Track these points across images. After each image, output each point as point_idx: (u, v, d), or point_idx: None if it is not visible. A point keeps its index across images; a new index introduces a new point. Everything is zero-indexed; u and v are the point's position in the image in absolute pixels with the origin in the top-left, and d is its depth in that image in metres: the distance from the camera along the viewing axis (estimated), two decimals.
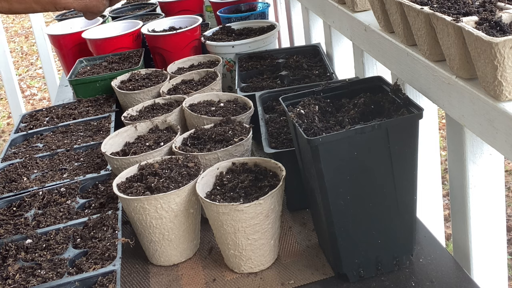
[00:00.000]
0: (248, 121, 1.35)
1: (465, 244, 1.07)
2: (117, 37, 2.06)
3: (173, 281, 1.09)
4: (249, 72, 1.66)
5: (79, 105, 1.78)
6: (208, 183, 1.11)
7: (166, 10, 2.42)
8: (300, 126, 0.97)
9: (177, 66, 1.79)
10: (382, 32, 1.17)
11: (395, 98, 1.03)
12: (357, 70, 1.53)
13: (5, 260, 1.06)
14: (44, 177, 1.36)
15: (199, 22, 1.99)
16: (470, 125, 0.88)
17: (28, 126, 1.68)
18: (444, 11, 0.89)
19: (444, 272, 1.00)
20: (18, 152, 1.52)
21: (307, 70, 1.62)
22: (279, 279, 1.05)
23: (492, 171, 1.02)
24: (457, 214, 1.09)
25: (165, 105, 1.51)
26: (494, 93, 0.79)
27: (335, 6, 1.43)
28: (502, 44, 0.74)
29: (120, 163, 1.23)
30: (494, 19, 0.81)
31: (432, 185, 1.27)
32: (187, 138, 1.27)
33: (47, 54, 3.81)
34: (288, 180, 1.08)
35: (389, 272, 1.02)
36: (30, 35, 7.29)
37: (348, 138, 0.92)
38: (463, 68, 0.87)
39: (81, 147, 1.48)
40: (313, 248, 1.12)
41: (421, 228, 1.12)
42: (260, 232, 1.04)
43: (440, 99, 0.97)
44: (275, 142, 1.23)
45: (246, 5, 2.23)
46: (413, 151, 0.96)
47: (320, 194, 0.95)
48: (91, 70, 1.93)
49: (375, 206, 0.97)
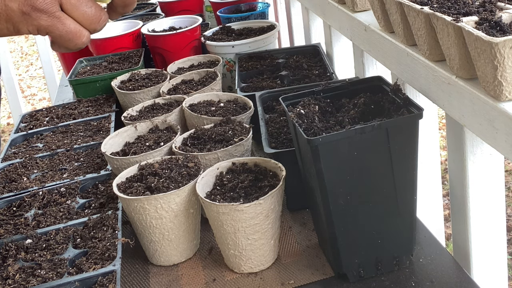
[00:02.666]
0: (248, 121, 1.35)
1: (465, 244, 1.07)
2: (117, 37, 2.06)
3: (173, 281, 1.09)
4: (249, 72, 1.66)
5: (79, 105, 1.78)
6: (208, 183, 1.11)
7: (166, 10, 2.42)
8: (300, 126, 0.97)
9: (177, 66, 1.79)
10: (382, 32, 1.17)
11: (395, 98, 1.03)
12: (357, 70, 1.53)
13: (5, 260, 1.06)
14: (44, 177, 1.36)
15: (199, 22, 1.99)
16: (470, 125, 0.88)
17: (28, 126, 1.68)
18: (444, 11, 0.89)
19: (444, 272, 1.00)
20: (18, 152, 1.52)
21: (307, 70, 1.62)
22: (279, 279, 1.05)
23: (492, 171, 1.02)
24: (457, 214, 1.09)
25: (165, 105, 1.51)
26: (494, 93, 0.79)
27: (335, 6, 1.43)
28: (502, 44, 0.74)
29: (120, 163, 1.23)
30: (494, 19, 0.81)
31: (432, 185, 1.27)
32: (187, 138, 1.27)
33: (47, 54, 3.81)
34: (288, 180, 1.08)
35: (389, 272, 1.02)
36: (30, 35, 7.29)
37: (348, 138, 0.92)
38: (463, 68, 0.87)
39: (81, 147, 1.48)
40: (313, 248, 1.12)
41: (421, 228, 1.12)
42: (260, 232, 1.04)
43: (440, 99, 0.97)
44: (275, 142, 1.23)
45: (246, 5, 2.23)
46: (413, 151, 0.96)
47: (320, 194, 0.95)
48: (91, 70, 1.93)
49: (375, 206, 0.97)
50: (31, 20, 0.72)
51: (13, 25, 0.73)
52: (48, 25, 0.73)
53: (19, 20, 0.73)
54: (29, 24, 0.73)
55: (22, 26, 0.73)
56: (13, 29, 0.74)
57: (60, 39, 0.75)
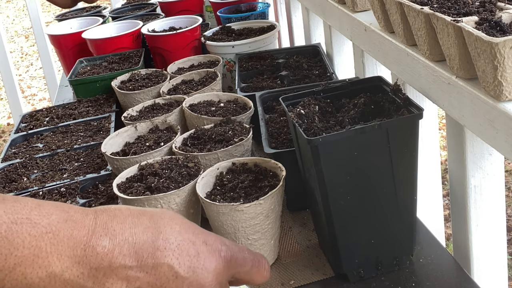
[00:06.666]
0: (248, 121, 1.35)
1: (465, 244, 1.07)
2: (117, 37, 2.06)
3: None
4: (249, 72, 1.66)
5: (79, 105, 1.78)
6: (208, 183, 1.11)
7: (166, 10, 2.42)
8: (300, 126, 0.97)
9: (177, 66, 1.79)
10: (382, 32, 1.17)
11: (395, 98, 1.03)
12: (357, 70, 1.53)
13: None
14: (44, 177, 1.36)
15: (199, 22, 1.99)
16: (470, 125, 0.88)
17: (28, 126, 1.68)
18: (444, 11, 0.89)
19: (444, 272, 1.00)
20: (18, 152, 1.52)
21: (307, 70, 1.62)
22: (279, 279, 1.05)
23: (492, 171, 1.02)
24: (457, 214, 1.09)
25: (165, 105, 1.51)
26: (494, 93, 0.79)
27: (335, 6, 1.43)
28: (502, 44, 0.74)
29: (120, 163, 1.23)
30: (494, 19, 0.81)
31: (432, 185, 1.27)
32: (187, 138, 1.27)
33: (47, 54, 3.81)
34: (288, 180, 1.08)
35: (389, 272, 1.02)
36: (30, 35, 7.29)
37: (348, 138, 0.92)
38: (463, 68, 0.87)
39: (81, 147, 1.48)
40: (313, 248, 1.12)
41: (421, 228, 1.12)
42: (260, 232, 1.04)
43: (440, 99, 0.97)
44: (275, 142, 1.23)
45: (246, 5, 2.23)
46: (413, 151, 0.96)
47: (320, 194, 0.95)
48: (91, 70, 1.93)
49: (375, 206, 0.97)
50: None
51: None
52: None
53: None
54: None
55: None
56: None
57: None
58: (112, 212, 0.61)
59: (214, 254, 0.66)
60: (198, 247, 0.65)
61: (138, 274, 0.59)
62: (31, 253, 0.55)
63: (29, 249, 0.55)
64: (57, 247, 0.56)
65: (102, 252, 0.58)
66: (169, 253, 0.61)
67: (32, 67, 6.68)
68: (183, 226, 0.65)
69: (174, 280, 0.61)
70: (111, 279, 0.58)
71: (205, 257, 0.64)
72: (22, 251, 0.55)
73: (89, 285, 0.58)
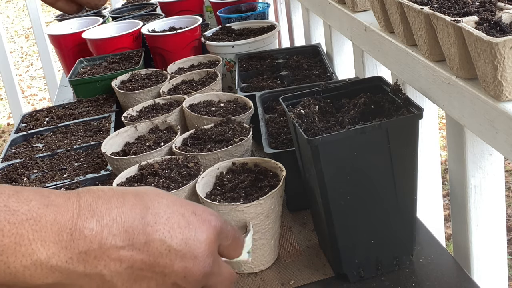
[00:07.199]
0: (248, 121, 1.35)
1: (465, 244, 1.07)
2: (117, 37, 2.06)
3: None
4: (249, 72, 1.66)
5: (79, 105, 1.79)
6: (208, 183, 1.11)
7: (166, 10, 2.42)
8: (300, 126, 0.97)
9: (177, 66, 1.79)
10: (382, 32, 1.17)
11: (395, 98, 1.03)
12: (357, 70, 1.53)
13: None
14: (44, 177, 1.36)
15: (199, 22, 1.99)
16: (470, 125, 0.88)
17: (28, 126, 1.68)
18: (444, 11, 0.89)
19: (444, 272, 1.00)
20: (18, 152, 1.52)
21: (307, 70, 1.62)
22: (279, 279, 1.05)
23: (492, 171, 1.02)
24: (457, 214, 1.09)
25: (165, 105, 1.51)
26: (494, 93, 0.79)
27: (335, 6, 1.43)
28: (502, 44, 0.74)
29: (120, 163, 1.23)
30: (494, 19, 0.81)
31: (432, 185, 1.27)
32: (187, 138, 1.27)
33: (47, 54, 3.81)
34: (288, 180, 1.08)
35: (389, 272, 1.02)
36: (30, 35, 7.29)
37: (348, 138, 0.92)
38: (463, 68, 0.87)
39: (81, 147, 1.48)
40: (313, 248, 1.12)
41: (421, 228, 1.12)
42: (260, 232, 1.04)
43: (440, 99, 0.97)
44: (275, 142, 1.23)
45: (246, 5, 2.23)
46: (413, 151, 0.96)
47: (320, 194, 0.95)
48: (91, 70, 1.93)
49: (375, 206, 0.97)
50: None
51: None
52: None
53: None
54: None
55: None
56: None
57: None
58: (95, 193, 0.60)
59: (205, 223, 0.65)
60: (188, 218, 0.64)
61: (130, 252, 0.58)
62: (12, 241, 0.53)
63: (10, 238, 0.53)
64: (40, 234, 0.54)
65: (90, 235, 0.56)
66: (160, 227, 0.60)
67: (32, 67, 6.68)
68: (169, 199, 0.64)
69: (167, 254, 0.61)
70: (103, 261, 0.57)
71: (196, 227, 0.63)
72: (2, 239, 0.53)
73: (80, 270, 0.56)
